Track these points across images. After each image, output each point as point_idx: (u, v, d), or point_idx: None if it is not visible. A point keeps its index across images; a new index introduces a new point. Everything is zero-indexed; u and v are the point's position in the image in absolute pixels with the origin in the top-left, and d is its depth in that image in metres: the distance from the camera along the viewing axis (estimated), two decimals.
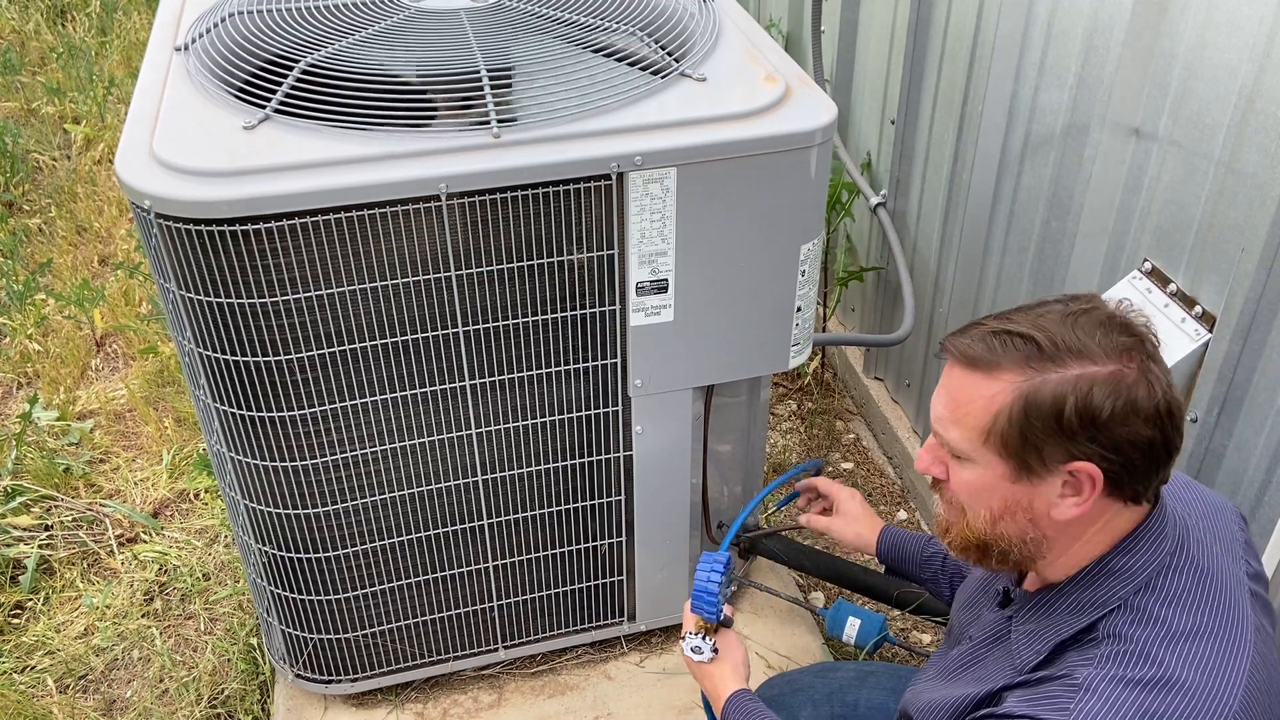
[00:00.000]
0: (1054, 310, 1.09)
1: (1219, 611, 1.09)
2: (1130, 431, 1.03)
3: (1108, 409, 1.02)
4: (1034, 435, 1.05)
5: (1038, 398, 1.04)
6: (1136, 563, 1.10)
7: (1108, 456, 1.04)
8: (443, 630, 2.07)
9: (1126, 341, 1.05)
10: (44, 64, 5.04)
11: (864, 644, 2.13)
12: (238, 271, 1.54)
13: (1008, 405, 1.05)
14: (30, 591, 2.53)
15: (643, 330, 1.77)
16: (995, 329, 1.08)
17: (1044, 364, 1.05)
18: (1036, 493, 1.09)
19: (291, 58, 1.66)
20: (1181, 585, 1.09)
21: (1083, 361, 1.04)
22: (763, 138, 1.63)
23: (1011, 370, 1.06)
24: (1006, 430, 1.06)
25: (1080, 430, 1.03)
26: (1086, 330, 1.05)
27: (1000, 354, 1.06)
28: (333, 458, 1.77)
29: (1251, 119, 1.57)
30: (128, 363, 3.30)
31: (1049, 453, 1.05)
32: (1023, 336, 1.06)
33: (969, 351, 1.09)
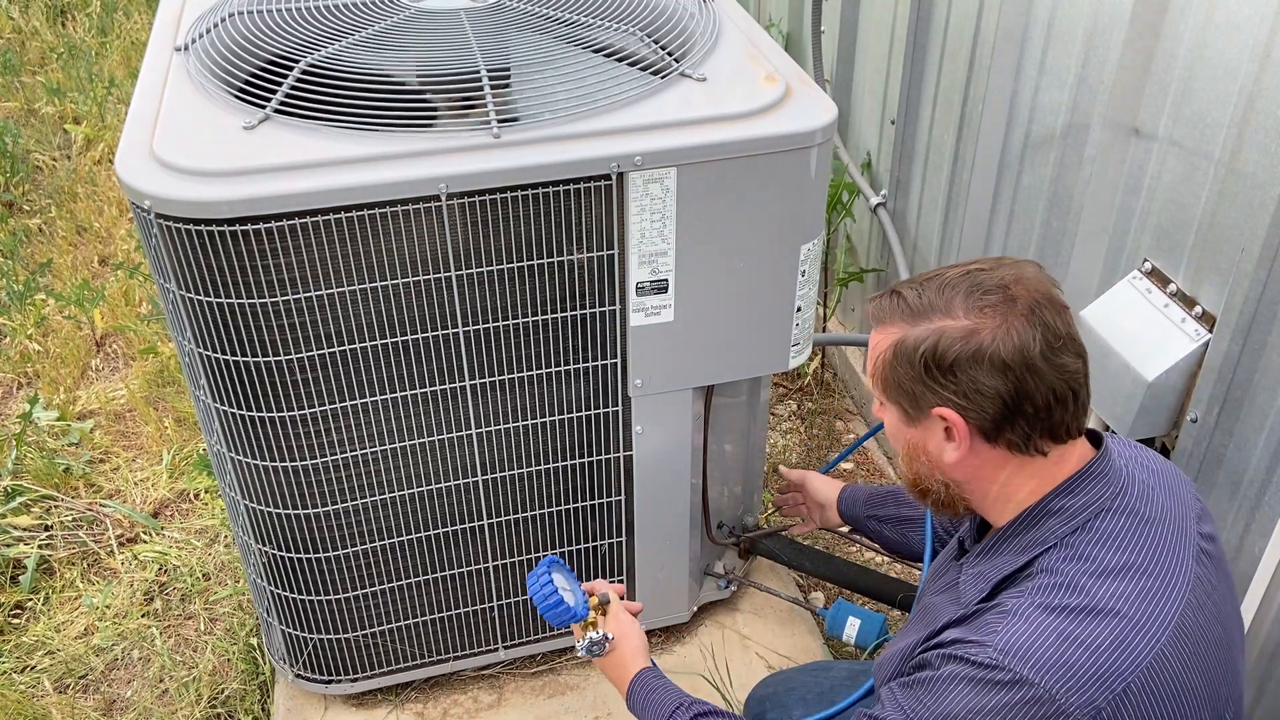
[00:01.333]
0: (950, 274, 1.20)
1: (1154, 554, 1.14)
2: (976, 379, 1.14)
3: (953, 355, 1.14)
4: (902, 379, 1.19)
5: (903, 345, 1.18)
6: (1075, 503, 1.18)
7: (959, 402, 1.15)
8: (443, 630, 2.07)
9: (990, 300, 1.15)
10: (44, 64, 5.04)
11: (864, 644, 2.13)
12: (238, 271, 1.54)
13: (885, 352, 1.21)
14: (30, 591, 2.52)
15: (643, 330, 1.77)
16: (893, 289, 1.23)
17: (915, 319, 1.18)
18: (926, 437, 1.21)
19: (291, 58, 1.66)
20: (1117, 527, 1.16)
21: (944, 317, 1.16)
22: (763, 138, 1.63)
23: (893, 324, 1.21)
24: (886, 374, 1.21)
25: (930, 374, 1.16)
26: (958, 290, 1.17)
27: (888, 312, 1.22)
28: (333, 458, 1.77)
29: (1252, 119, 1.57)
30: (128, 363, 3.30)
31: (919, 397, 1.19)
32: (903, 296, 1.21)
33: (874, 311, 1.25)
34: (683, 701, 1.50)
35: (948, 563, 1.37)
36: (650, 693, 1.54)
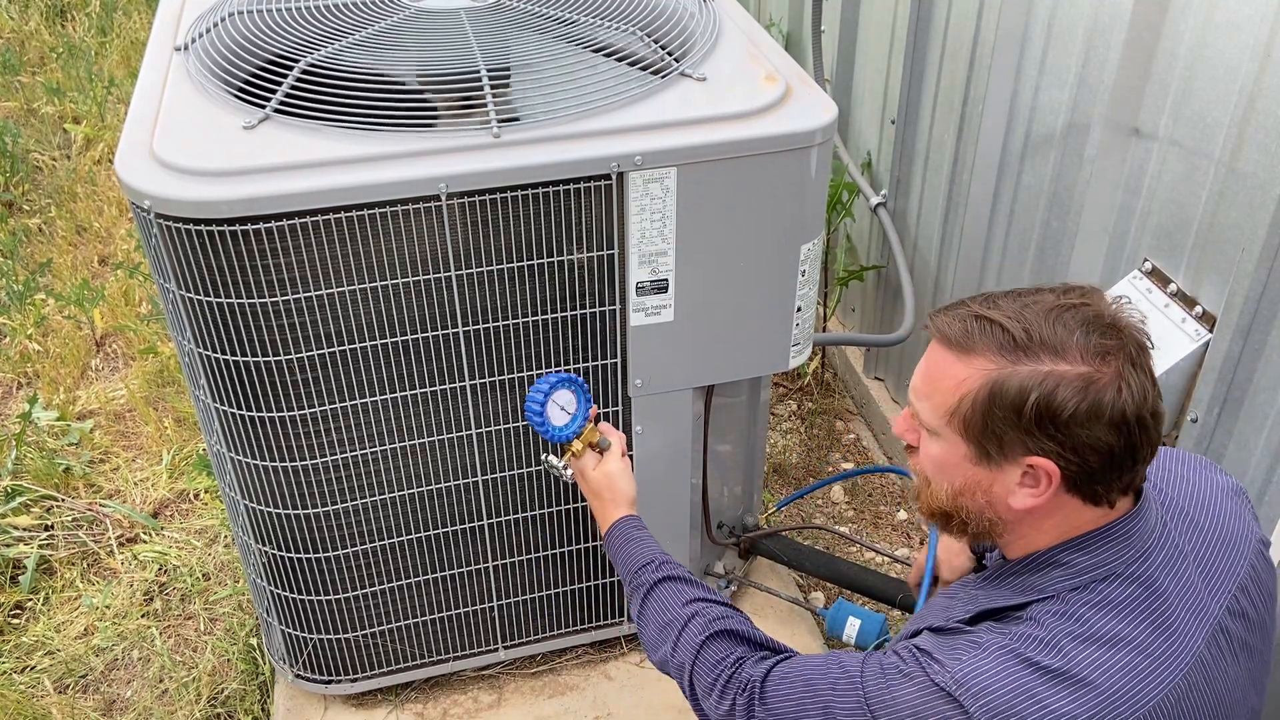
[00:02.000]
0: (1043, 300, 1.08)
1: (1153, 630, 1.07)
2: (1091, 435, 1.03)
3: (1070, 409, 1.02)
4: (995, 424, 1.06)
5: (1004, 388, 1.05)
6: (1084, 561, 1.10)
7: (1065, 455, 1.04)
8: (443, 630, 2.07)
9: (1107, 344, 1.04)
10: (44, 64, 5.04)
11: (864, 644, 2.13)
12: (238, 271, 1.54)
13: (974, 390, 1.06)
14: (30, 591, 2.52)
15: (643, 330, 1.77)
16: (978, 312, 1.09)
17: (1017, 355, 1.05)
18: (995, 478, 1.10)
19: (291, 58, 1.66)
20: (1122, 594, 1.09)
21: (1055, 358, 1.04)
22: (763, 138, 1.63)
23: (984, 356, 1.06)
24: (970, 414, 1.07)
25: (1040, 426, 1.04)
26: (1067, 327, 1.05)
27: (976, 339, 1.07)
28: (333, 458, 1.77)
29: (1252, 119, 1.57)
30: (128, 363, 3.30)
31: (1009, 443, 1.06)
32: (1001, 325, 1.06)
33: (948, 331, 1.10)
34: (654, 558, 1.45)
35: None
36: (626, 542, 1.50)
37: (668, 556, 1.46)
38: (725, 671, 1.28)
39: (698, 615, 1.35)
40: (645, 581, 1.43)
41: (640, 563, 1.45)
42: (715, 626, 1.32)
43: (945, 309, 1.13)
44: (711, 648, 1.31)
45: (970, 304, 1.11)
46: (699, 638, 1.32)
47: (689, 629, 1.34)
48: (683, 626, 1.34)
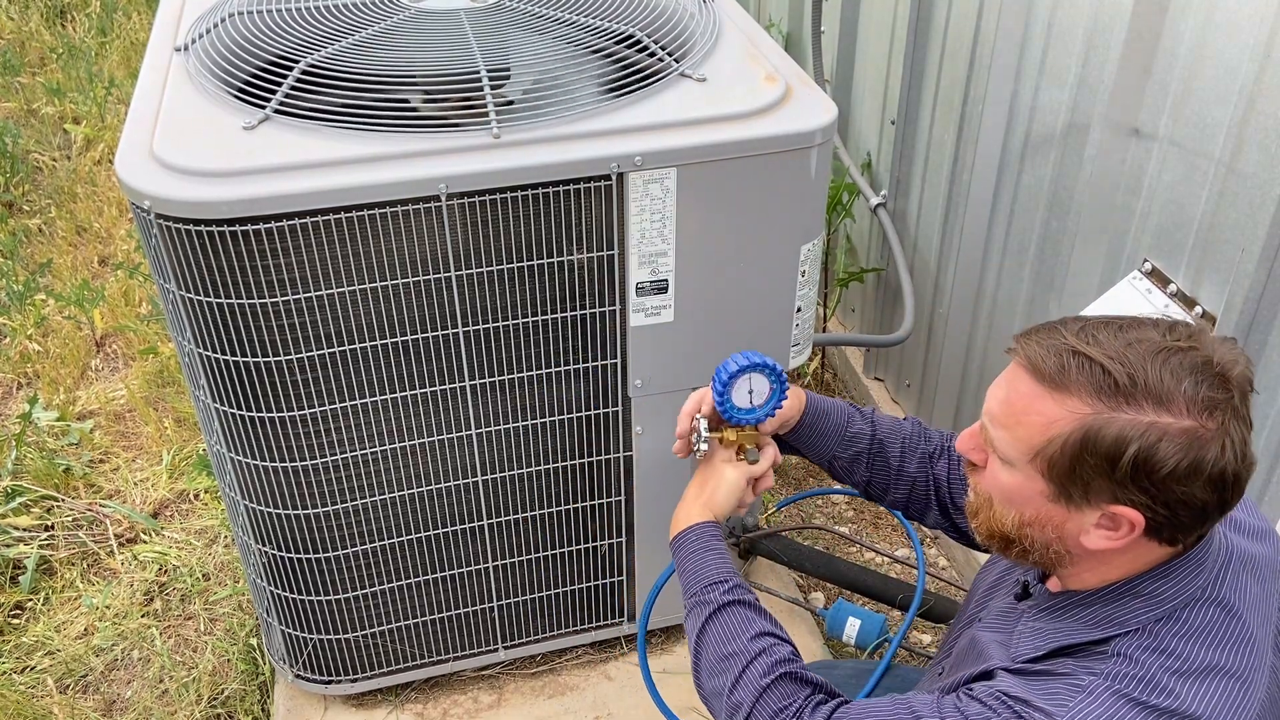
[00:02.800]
0: (1148, 339, 1.00)
1: (1240, 654, 1.04)
2: (1187, 491, 0.97)
3: (1170, 465, 0.96)
4: (1085, 470, 1.00)
5: (1100, 435, 0.98)
6: (1167, 590, 1.06)
7: (1155, 509, 0.99)
8: (443, 630, 2.07)
9: (1216, 397, 0.97)
10: (44, 64, 5.04)
11: (864, 644, 2.13)
12: (238, 271, 1.54)
13: (1066, 433, 1.00)
14: (30, 591, 2.52)
15: (643, 330, 1.77)
16: (1075, 347, 1.01)
17: (1117, 400, 0.98)
18: (1070, 517, 1.05)
19: (291, 58, 1.66)
20: (1206, 620, 1.05)
21: (1158, 408, 0.97)
22: (763, 138, 1.63)
23: (1080, 398, 0.99)
24: (1058, 457, 1.01)
25: (1134, 479, 0.98)
26: (1175, 375, 0.97)
27: (1073, 376, 1.00)
28: (333, 458, 1.77)
29: (1252, 119, 1.57)
30: (128, 363, 3.30)
31: (1095, 490, 1.01)
32: (1102, 366, 0.99)
33: (1041, 364, 1.02)
34: (728, 578, 1.33)
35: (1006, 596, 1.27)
36: (705, 550, 1.36)
37: (740, 579, 1.35)
38: (788, 718, 1.19)
39: (764, 654, 1.24)
40: (714, 600, 1.31)
41: (713, 578, 1.33)
42: (780, 669, 1.22)
43: (1036, 334, 1.05)
44: (775, 693, 1.21)
45: (1065, 333, 1.03)
46: (763, 680, 1.21)
47: (754, 668, 1.23)
48: (747, 663, 1.24)
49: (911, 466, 1.48)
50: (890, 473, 1.49)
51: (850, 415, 1.50)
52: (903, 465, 1.48)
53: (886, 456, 1.49)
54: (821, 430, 1.49)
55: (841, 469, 1.50)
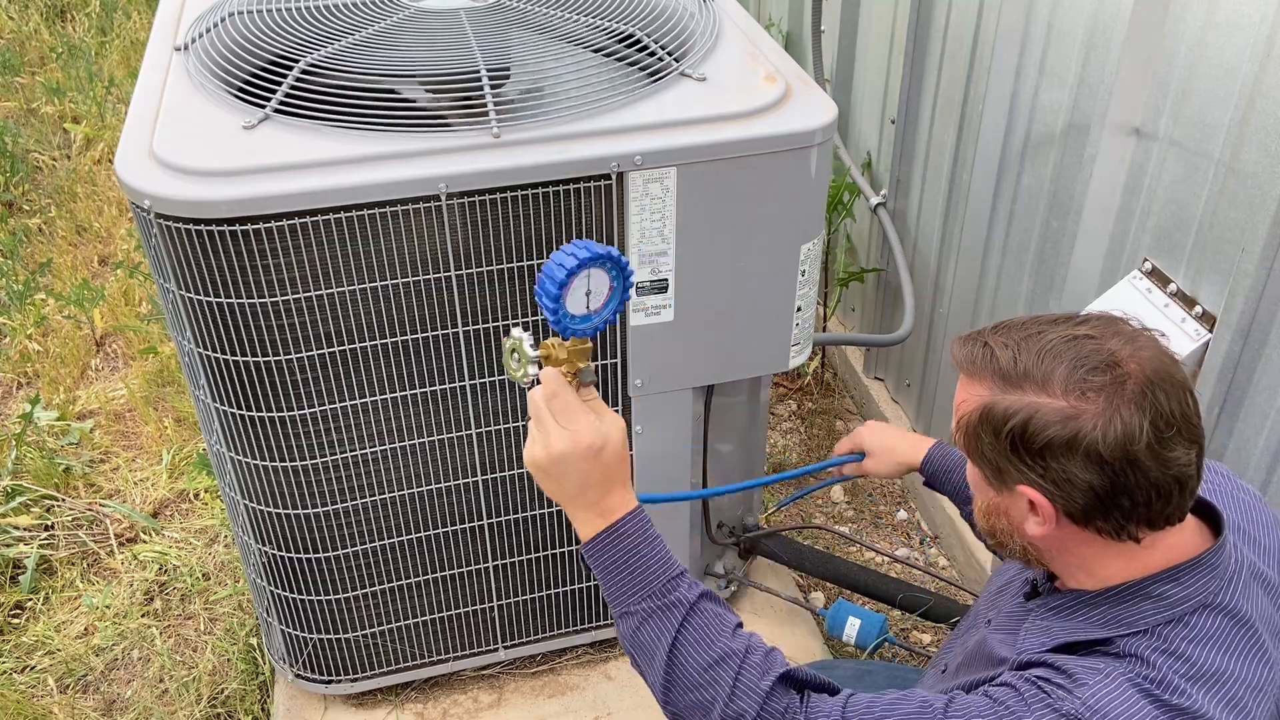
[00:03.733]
0: (1051, 334, 1.08)
1: (1249, 663, 1.06)
2: (1065, 467, 1.03)
3: (1043, 439, 1.03)
4: (986, 448, 1.09)
5: (991, 413, 1.07)
6: (1177, 593, 1.07)
7: (1046, 487, 1.05)
8: (443, 630, 2.07)
9: (1097, 381, 1.03)
10: (44, 64, 5.04)
11: (864, 644, 2.13)
12: (237, 271, 1.54)
13: (971, 414, 1.10)
14: (30, 591, 2.52)
15: (643, 330, 1.77)
16: (986, 340, 1.11)
17: (1006, 384, 1.07)
18: (1009, 504, 1.12)
19: (291, 58, 1.66)
20: (1216, 627, 1.06)
21: (1039, 391, 1.05)
22: (763, 137, 1.63)
23: (983, 381, 1.09)
24: (969, 437, 1.11)
25: (1019, 453, 1.06)
26: (1068, 362, 1.04)
27: (979, 365, 1.10)
28: (333, 458, 1.77)
29: (1252, 119, 1.57)
30: (128, 363, 3.30)
31: (1003, 470, 1.09)
32: (995, 354, 1.09)
33: (957, 356, 1.13)
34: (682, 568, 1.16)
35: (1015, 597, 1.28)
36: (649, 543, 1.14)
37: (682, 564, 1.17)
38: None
39: (752, 650, 1.12)
40: (684, 599, 1.13)
41: (672, 571, 1.14)
42: (777, 669, 1.12)
43: (967, 335, 1.15)
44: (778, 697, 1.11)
45: (987, 331, 1.13)
46: (764, 683, 1.10)
47: (747, 669, 1.11)
48: (740, 665, 1.11)
49: None
50: None
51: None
52: None
53: None
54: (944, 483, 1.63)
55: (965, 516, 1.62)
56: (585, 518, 1.15)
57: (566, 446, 1.11)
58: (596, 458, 1.12)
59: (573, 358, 1.15)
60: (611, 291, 1.15)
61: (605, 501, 1.14)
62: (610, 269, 1.13)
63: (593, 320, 1.15)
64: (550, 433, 1.12)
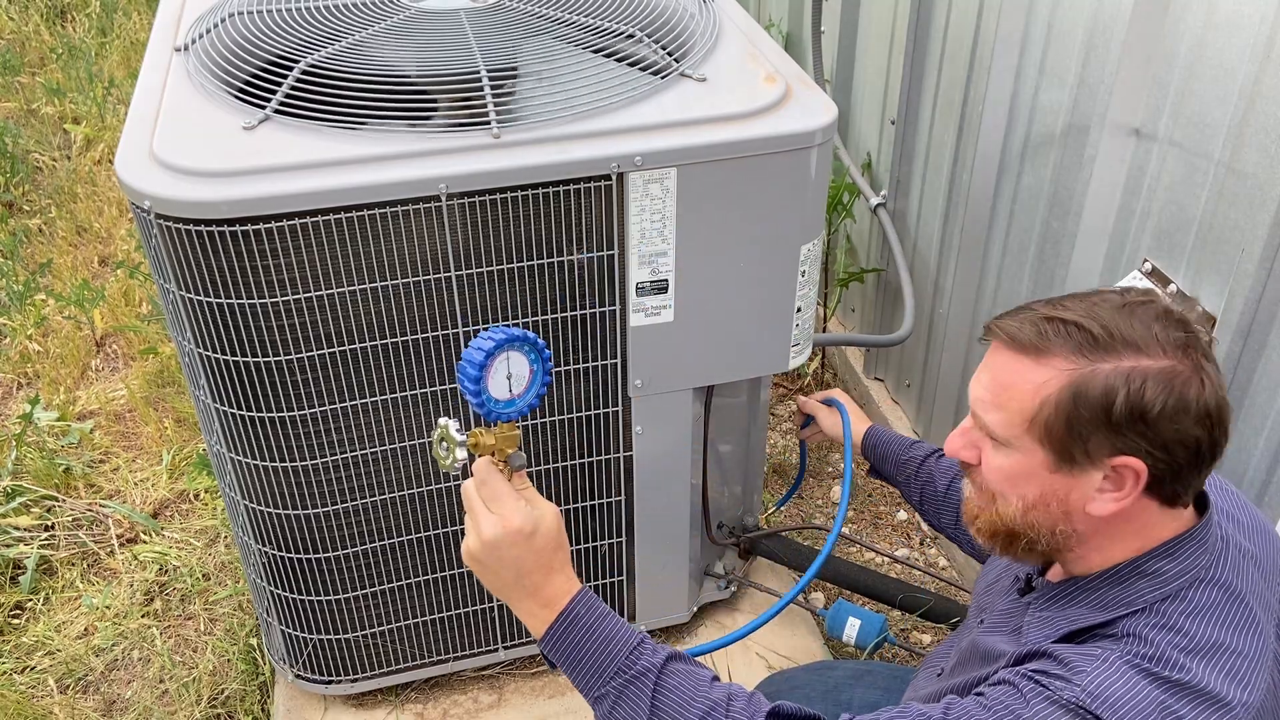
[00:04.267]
0: (1109, 299, 1.05)
1: (1243, 634, 1.06)
2: (1179, 430, 1.00)
3: (1159, 405, 0.99)
4: (1081, 426, 1.02)
5: (1087, 388, 1.01)
6: (1171, 568, 1.07)
7: (1154, 453, 1.01)
8: (443, 630, 2.07)
9: (1182, 337, 1.01)
10: (44, 64, 5.04)
11: (864, 644, 2.13)
12: (238, 271, 1.54)
13: (1055, 393, 1.03)
14: (30, 592, 2.52)
15: (643, 330, 1.77)
16: (1048, 315, 1.05)
17: (1097, 353, 1.02)
18: (1075, 484, 1.06)
19: (291, 58, 1.66)
20: (1210, 600, 1.07)
21: (1136, 354, 1.01)
22: (763, 138, 1.63)
23: (1062, 357, 1.03)
24: (1052, 419, 1.03)
25: (1129, 425, 1.00)
26: (1143, 321, 1.02)
27: (1051, 340, 1.03)
28: (333, 458, 1.77)
29: (1252, 119, 1.57)
30: (128, 363, 3.30)
31: (1094, 445, 1.03)
32: (1076, 325, 1.03)
33: (1018, 334, 1.05)
34: (642, 635, 1.15)
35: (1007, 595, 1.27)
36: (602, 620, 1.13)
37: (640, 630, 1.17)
38: None
39: (735, 697, 1.11)
40: (650, 666, 1.12)
41: (630, 642, 1.13)
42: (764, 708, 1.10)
43: (1007, 314, 1.09)
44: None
45: (1034, 308, 1.08)
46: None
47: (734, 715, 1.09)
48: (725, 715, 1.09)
49: (942, 484, 1.69)
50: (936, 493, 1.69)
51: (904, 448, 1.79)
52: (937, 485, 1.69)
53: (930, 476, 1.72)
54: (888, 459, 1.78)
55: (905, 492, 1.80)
56: (530, 609, 1.15)
57: (496, 532, 1.11)
58: (529, 542, 1.11)
59: (501, 444, 1.16)
60: (532, 375, 1.16)
61: (546, 590, 1.14)
62: (528, 351, 1.15)
63: (517, 404, 1.15)
64: (480, 520, 1.12)
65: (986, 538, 1.15)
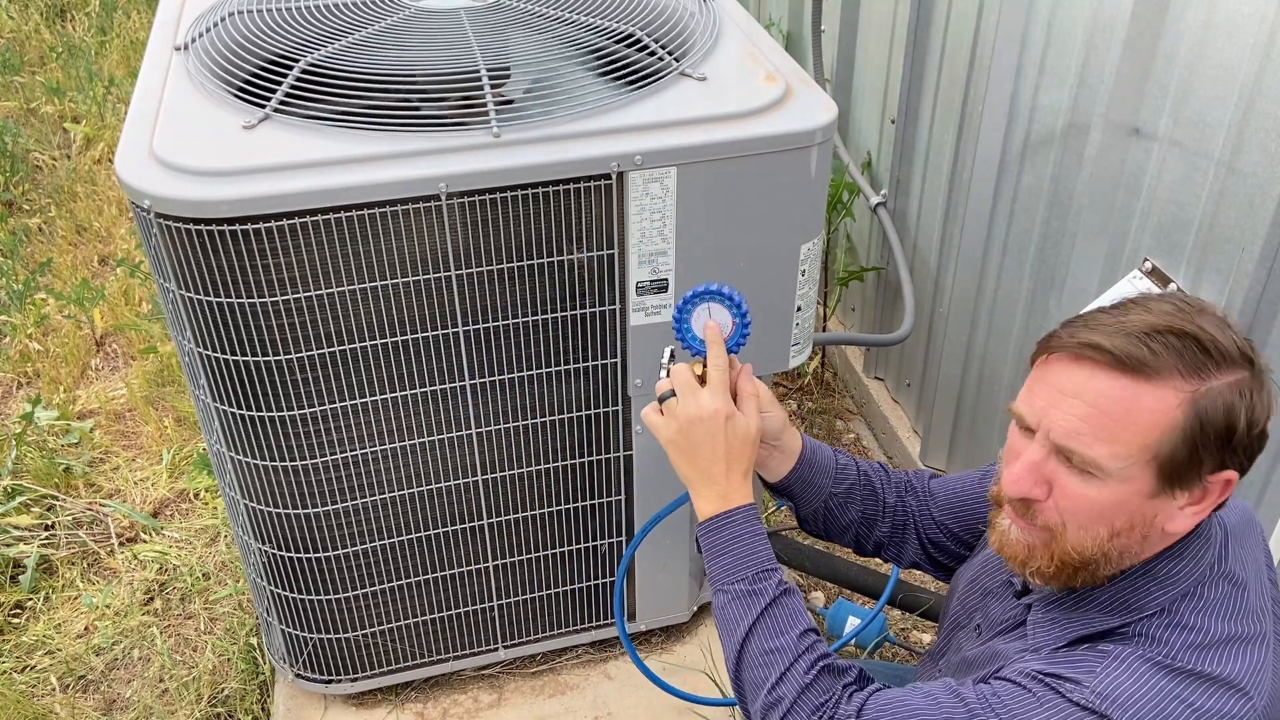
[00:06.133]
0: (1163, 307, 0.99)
1: (1252, 622, 1.06)
2: (1263, 436, 0.99)
3: (1264, 417, 0.97)
4: (1204, 449, 0.97)
5: (1210, 409, 0.95)
6: (1181, 570, 1.06)
7: (1246, 464, 0.99)
8: (443, 630, 2.07)
9: (1245, 341, 0.98)
10: (44, 64, 5.04)
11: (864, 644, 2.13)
12: (238, 271, 1.54)
13: (1180, 419, 0.96)
14: (30, 591, 2.52)
15: (643, 330, 1.77)
16: (1149, 326, 0.97)
17: (1208, 368, 0.95)
18: (1164, 507, 1.01)
19: (291, 57, 1.66)
20: (1219, 594, 1.06)
21: (1233, 365, 0.96)
22: (763, 137, 1.63)
23: (1175, 376, 0.95)
24: (1177, 445, 0.96)
25: (1245, 441, 0.97)
26: (1220, 329, 0.97)
27: (1162, 357, 0.95)
28: (333, 458, 1.77)
29: (1252, 119, 1.57)
30: (128, 362, 3.30)
31: (1207, 464, 0.98)
32: (1180, 335, 0.95)
33: (1130, 354, 0.96)
34: (777, 565, 1.25)
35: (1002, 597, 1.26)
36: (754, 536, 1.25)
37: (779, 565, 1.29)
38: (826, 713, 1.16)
39: (809, 650, 1.20)
40: (768, 591, 1.23)
41: (764, 565, 1.25)
42: (821, 663, 1.19)
43: (1089, 328, 1.00)
44: (816, 688, 1.17)
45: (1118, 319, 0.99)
46: (806, 677, 1.17)
47: (799, 664, 1.19)
48: (794, 660, 1.19)
49: (891, 498, 1.47)
50: (878, 504, 1.46)
51: (834, 451, 1.48)
52: (885, 496, 1.47)
53: (873, 487, 1.46)
54: (821, 465, 1.43)
55: (836, 505, 1.45)
56: (708, 495, 1.27)
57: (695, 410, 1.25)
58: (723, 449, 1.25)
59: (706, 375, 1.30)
60: (735, 326, 1.34)
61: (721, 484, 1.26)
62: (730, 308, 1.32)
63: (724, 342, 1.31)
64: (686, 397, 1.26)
65: (1048, 578, 1.09)
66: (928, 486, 1.49)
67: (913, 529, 1.48)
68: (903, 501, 1.48)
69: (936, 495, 1.48)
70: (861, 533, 1.48)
